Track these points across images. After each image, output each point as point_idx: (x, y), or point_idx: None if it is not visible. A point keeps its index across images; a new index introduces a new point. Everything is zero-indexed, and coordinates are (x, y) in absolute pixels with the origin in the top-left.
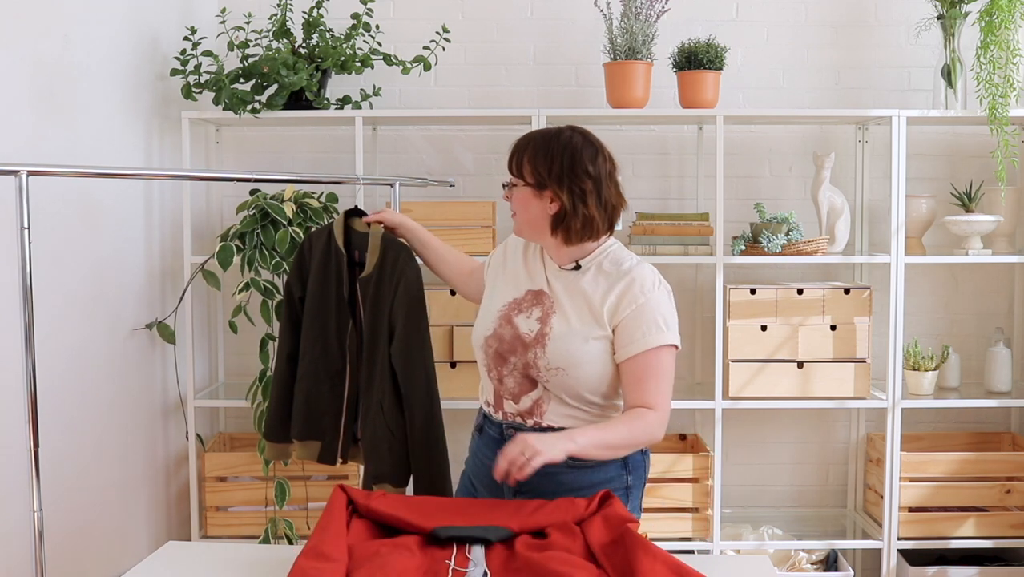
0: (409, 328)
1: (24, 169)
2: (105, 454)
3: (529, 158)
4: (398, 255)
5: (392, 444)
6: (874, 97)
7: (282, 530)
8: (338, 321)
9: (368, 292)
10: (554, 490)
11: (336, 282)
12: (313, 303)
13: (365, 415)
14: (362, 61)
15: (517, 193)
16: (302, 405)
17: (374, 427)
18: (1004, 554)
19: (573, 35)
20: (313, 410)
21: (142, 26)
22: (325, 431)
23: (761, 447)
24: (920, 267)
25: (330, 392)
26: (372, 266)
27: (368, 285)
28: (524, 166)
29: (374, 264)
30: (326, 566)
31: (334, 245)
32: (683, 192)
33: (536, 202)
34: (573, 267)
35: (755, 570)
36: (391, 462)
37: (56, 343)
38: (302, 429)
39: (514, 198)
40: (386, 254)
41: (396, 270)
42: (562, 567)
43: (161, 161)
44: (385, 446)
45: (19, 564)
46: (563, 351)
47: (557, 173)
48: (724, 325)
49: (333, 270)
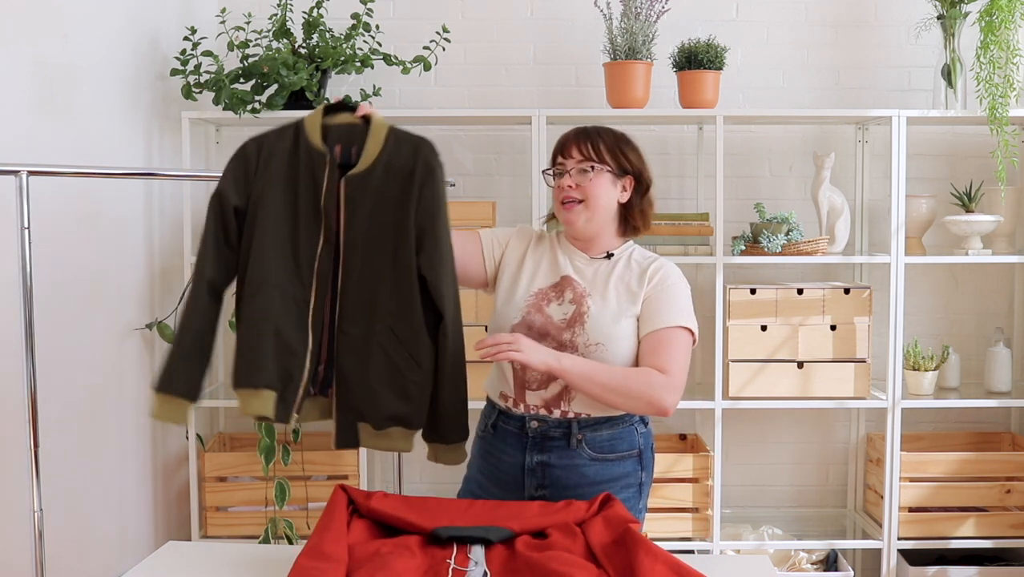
0: (443, 235)
1: (24, 169)
2: (105, 454)
3: (607, 145)
4: (418, 147)
5: (415, 376)
6: (874, 97)
7: (282, 530)
8: (307, 235)
9: (363, 191)
10: (576, 482)
11: (308, 187)
12: (272, 214)
13: (353, 348)
14: (362, 61)
15: (596, 178)
16: (265, 344)
17: (382, 359)
18: (1004, 554)
19: (573, 35)
20: (282, 349)
21: (142, 26)
22: (286, 376)
23: (761, 447)
24: (920, 267)
25: (296, 325)
26: (371, 159)
27: (361, 183)
28: (603, 152)
29: (374, 157)
30: (326, 566)
31: (305, 143)
32: (683, 192)
33: (612, 189)
34: (605, 256)
35: (755, 570)
36: (416, 397)
37: (56, 343)
38: (251, 374)
39: (593, 183)
40: (398, 146)
41: (419, 163)
42: (563, 567)
43: (161, 161)
44: (403, 380)
45: (19, 564)
46: (602, 327)
47: (635, 163)
48: (724, 325)
49: (304, 172)
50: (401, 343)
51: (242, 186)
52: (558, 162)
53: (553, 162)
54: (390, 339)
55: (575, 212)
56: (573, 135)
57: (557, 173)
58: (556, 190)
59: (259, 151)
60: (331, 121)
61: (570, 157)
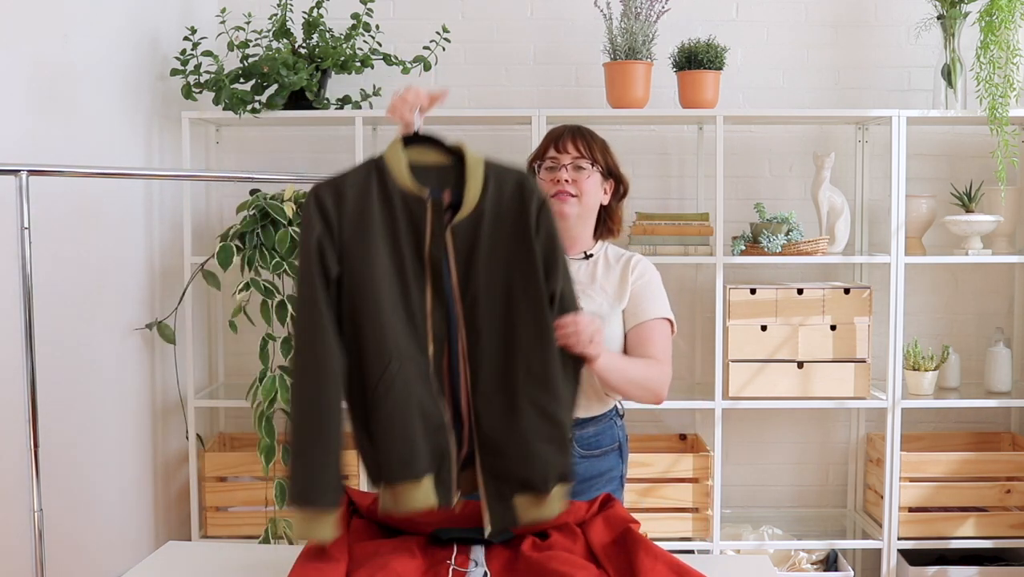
0: (568, 277)
1: (24, 169)
2: (105, 454)
3: (599, 147)
4: (520, 180)
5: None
6: (874, 97)
7: (282, 530)
8: (416, 292)
9: (474, 238)
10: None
11: (409, 238)
12: (380, 275)
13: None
14: (362, 61)
15: (591, 176)
16: (413, 425)
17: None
18: (1004, 554)
19: (573, 35)
20: (429, 426)
21: (142, 26)
22: (438, 455)
23: (761, 447)
24: (920, 267)
25: (431, 396)
26: (475, 201)
27: (470, 230)
28: (596, 151)
29: (478, 198)
30: (327, 566)
31: (395, 187)
32: (683, 192)
33: (599, 189)
34: (583, 256)
35: (755, 570)
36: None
37: (56, 343)
38: (407, 463)
39: (587, 181)
40: (499, 183)
41: (526, 195)
42: (563, 567)
43: (161, 161)
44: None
45: (19, 564)
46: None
47: (617, 168)
48: (724, 325)
49: (402, 221)
50: (547, 389)
51: (333, 252)
52: (550, 155)
53: (543, 154)
54: (535, 388)
55: (570, 204)
56: (568, 131)
57: (549, 167)
58: (548, 183)
59: (338, 201)
60: (414, 157)
61: (565, 152)
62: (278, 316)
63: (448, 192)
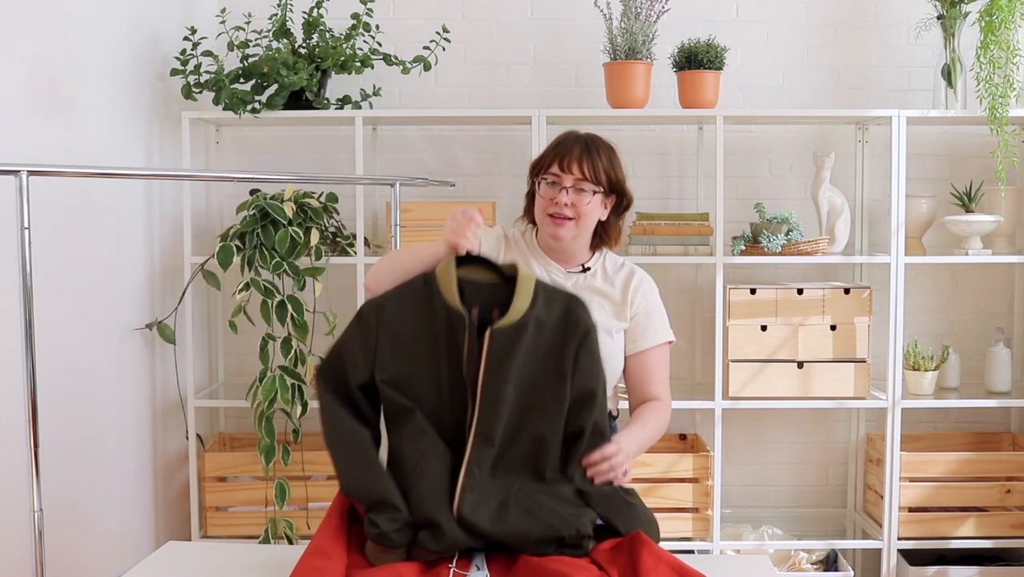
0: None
1: (24, 169)
2: (105, 454)
3: (604, 166)
4: (568, 305)
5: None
6: (874, 97)
7: (282, 530)
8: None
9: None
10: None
11: (449, 352)
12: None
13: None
14: (362, 61)
15: (592, 200)
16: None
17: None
18: (1004, 554)
19: (573, 35)
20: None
21: (142, 26)
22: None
23: (761, 447)
24: (920, 267)
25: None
26: (519, 314)
27: (508, 339)
28: (601, 173)
29: (523, 312)
30: (327, 565)
31: (441, 302)
32: (683, 192)
33: (600, 208)
34: (580, 269)
35: (755, 570)
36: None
37: (56, 343)
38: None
39: (587, 205)
40: (548, 303)
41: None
42: (563, 568)
43: (161, 161)
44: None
45: (19, 564)
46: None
47: (623, 182)
48: (724, 325)
49: (444, 337)
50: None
51: (362, 358)
52: (553, 172)
53: (547, 168)
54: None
55: (566, 228)
56: (577, 148)
57: (551, 183)
58: (547, 201)
59: (378, 313)
60: (466, 275)
61: (569, 172)
62: (278, 316)
63: (497, 311)
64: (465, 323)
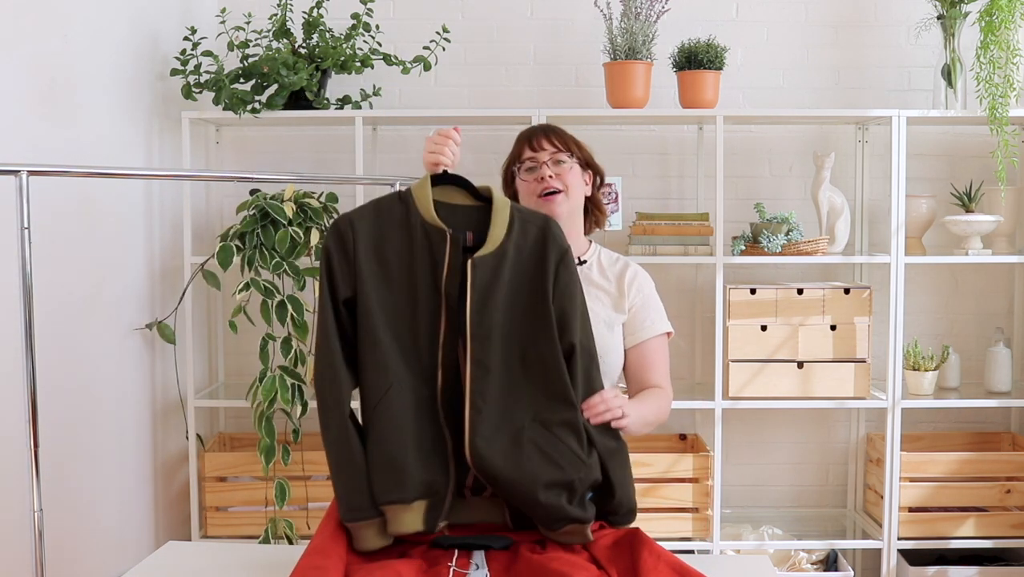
0: (584, 312)
1: (24, 169)
2: (105, 454)
3: (572, 140)
4: (545, 227)
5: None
6: (874, 97)
7: (282, 530)
8: (427, 322)
9: (493, 276)
10: None
11: (426, 268)
12: (390, 301)
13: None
14: (362, 61)
15: (573, 168)
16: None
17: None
18: (1004, 554)
19: (573, 35)
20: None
21: (142, 26)
22: (433, 483)
23: (761, 447)
24: (920, 267)
25: (431, 424)
26: (498, 241)
27: (490, 267)
28: (570, 144)
29: (501, 238)
30: (327, 564)
31: (418, 219)
32: (683, 192)
33: (582, 181)
34: (577, 263)
35: (755, 570)
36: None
37: (56, 343)
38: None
39: (570, 174)
40: (524, 227)
41: (550, 243)
42: (563, 567)
43: (161, 161)
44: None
45: (19, 564)
46: (597, 337)
47: (591, 157)
48: (724, 325)
49: (420, 251)
50: (558, 437)
51: (348, 275)
52: (527, 156)
53: (519, 157)
54: (544, 436)
55: (558, 202)
56: (539, 129)
57: (529, 167)
58: (531, 184)
59: (353, 228)
60: (440, 197)
61: (541, 149)
62: (278, 316)
63: (472, 233)
64: (446, 238)
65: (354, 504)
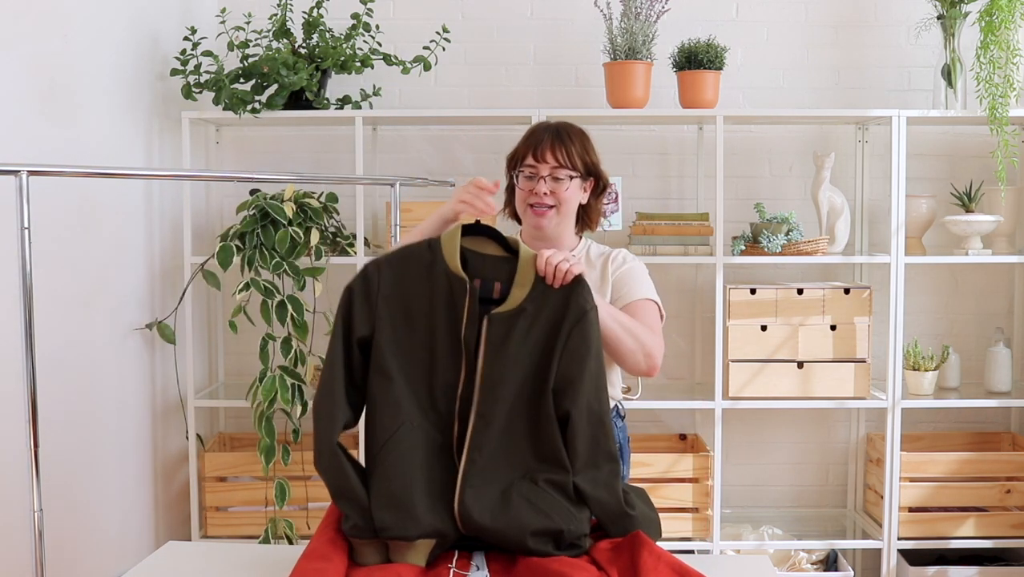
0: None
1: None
2: (105, 454)
3: (578, 150)
4: (571, 290)
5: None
6: (874, 97)
7: (282, 530)
8: (444, 369)
9: (509, 332)
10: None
11: (447, 317)
12: (409, 349)
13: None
14: (362, 61)
15: (570, 186)
16: (416, 489)
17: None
18: (1004, 554)
19: (573, 35)
20: (433, 493)
21: (142, 26)
22: (441, 522)
23: (761, 447)
24: (920, 267)
25: (444, 467)
26: (520, 298)
27: (508, 323)
28: (575, 157)
29: (524, 295)
30: (327, 566)
31: (443, 267)
32: (683, 192)
33: (579, 193)
34: None
35: (755, 570)
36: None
37: (56, 343)
38: (404, 525)
39: (566, 192)
40: (548, 285)
41: (571, 304)
42: (563, 568)
43: (161, 161)
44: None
45: (19, 564)
46: None
47: (597, 165)
48: (724, 325)
49: (442, 300)
50: (547, 492)
51: (367, 314)
52: (529, 164)
53: (522, 160)
54: (533, 489)
55: (547, 217)
56: (548, 137)
57: (528, 175)
58: (526, 192)
59: (379, 272)
60: (470, 246)
61: (544, 162)
62: (278, 316)
63: (500, 284)
64: (466, 288)
65: (355, 524)
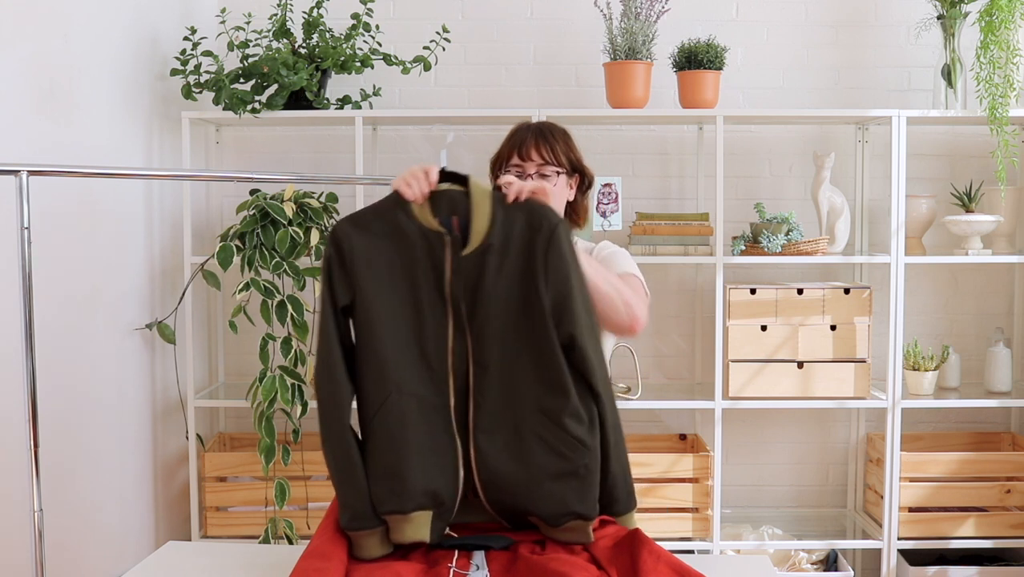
0: (579, 298)
1: (24, 169)
2: (105, 454)
3: (562, 147)
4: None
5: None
6: (874, 97)
7: (282, 530)
8: (434, 328)
9: (481, 272)
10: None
11: (427, 273)
12: (390, 310)
13: (504, 447)
14: (362, 61)
15: (557, 183)
16: (408, 462)
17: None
18: (1004, 554)
19: (573, 35)
20: (430, 463)
21: (142, 26)
22: (439, 492)
23: (761, 447)
24: (920, 267)
25: (441, 432)
26: (482, 235)
27: (478, 263)
28: (560, 154)
29: (485, 231)
30: (327, 566)
31: (415, 223)
32: (683, 192)
33: (566, 190)
34: None
35: (755, 570)
36: (589, 483)
37: (56, 343)
38: (399, 499)
39: (557, 187)
40: (507, 214)
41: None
42: (563, 567)
43: (161, 161)
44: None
45: (19, 564)
46: None
47: (581, 161)
48: (724, 325)
49: (420, 256)
50: (558, 426)
51: (345, 282)
52: (514, 163)
53: (507, 161)
54: (546, 425)
55: None
56: (531, 135)
57: (515, 175)
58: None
59: (349, 234)
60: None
61: (530, 160)
62: (278, 316)
63: (457, 218)
64: (444, 240)
65: (357, 512)
